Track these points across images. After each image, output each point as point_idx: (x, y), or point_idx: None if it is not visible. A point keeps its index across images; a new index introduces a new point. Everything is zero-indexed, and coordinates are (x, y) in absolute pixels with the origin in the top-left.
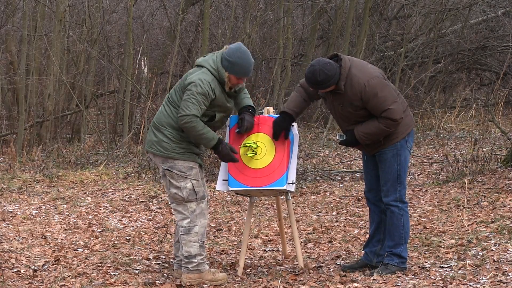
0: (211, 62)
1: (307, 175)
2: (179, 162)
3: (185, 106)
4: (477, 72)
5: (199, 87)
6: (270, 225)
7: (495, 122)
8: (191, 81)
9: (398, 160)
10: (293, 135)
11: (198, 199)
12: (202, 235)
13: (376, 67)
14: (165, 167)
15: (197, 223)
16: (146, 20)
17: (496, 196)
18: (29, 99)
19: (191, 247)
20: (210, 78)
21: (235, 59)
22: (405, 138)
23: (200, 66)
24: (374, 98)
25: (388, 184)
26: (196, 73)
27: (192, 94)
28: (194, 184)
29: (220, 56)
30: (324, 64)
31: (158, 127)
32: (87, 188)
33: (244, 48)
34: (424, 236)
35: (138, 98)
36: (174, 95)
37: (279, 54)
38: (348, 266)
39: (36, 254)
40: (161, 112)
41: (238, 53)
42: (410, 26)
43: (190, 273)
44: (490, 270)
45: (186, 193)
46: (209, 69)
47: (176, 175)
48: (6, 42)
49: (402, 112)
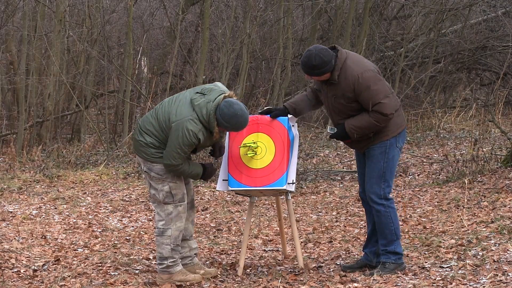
0: (204, 111)
1: (307, 175)
2: (157, 165)
3: (171, 156)
4: (477, 72)
5: (186, 139)
6: (270, 225)
7: (495, 122)
8: (178, 128)
9: (385, 158)
10: (293, 135)
11: (175, 201)
12: (175, 238)
13: (371, 63)
14: (144, 168)
15: (172, 226)
16: (146, 20)
17: (496, 196)
18: (29, 99)
19: (163, 249)
20: (198, 129)
21: (228, 123)
22: (395, 137)
23: (193, 107)
24: (366, 91)
25: (372, 180)
26: (186, 118)
27: (178, 145)
28: (172, 186)
29: (215, 108)
30: (321, 49)
31: (141, 130)
32: (87, 188)
33: (236, 113)
34: (424, 236)
35: (138, 98)
36: (162, 115)
37: (279, 54)
38: (348, 266)
39: (36, 254)
40: (147, 118)
41: (233, 121)
42: (410, 26)
43: (161, 273)
44: (490, 270)
45: (163, 196)
46: (199, 117)
47: (154, 177)
48: (6, 42)
49: (394, 108)
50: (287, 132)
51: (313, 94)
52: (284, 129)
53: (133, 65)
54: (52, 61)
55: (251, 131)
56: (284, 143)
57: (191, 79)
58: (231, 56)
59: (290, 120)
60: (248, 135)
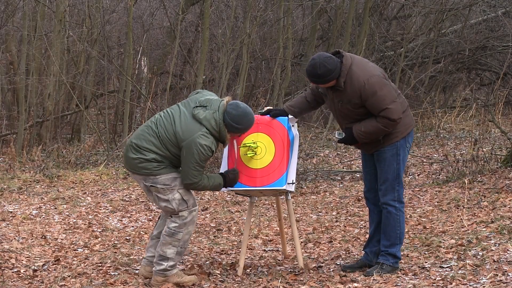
0: (213, 123)
1: (307, 175)
2: (162, 176)
3: (190, 175)
4: (477, 72)
5: (202, 154)
6: (270, 225)
7: (495, 122)
8: (191, 145)
9: (397, 160)
10: (293, 135)
11: (189, 207)
12: (184, 242)
13: (377, 66)
14: (148, 184)
15: (184, 230)
16: (146, 20)
17: (496, 196)
18: (29, 99)
19: (168, 249)
20: (210, 142)
21: (241, 124)
22: (405, 138)
23: (199, 122)
24: (373, 97)
25: (387, 183)
26: (197, 134)
27: (195, 162)
28: (182, 193)
29: (222, 115)
30: (325, 58)
31: (138, 149)
32: (87, 188)
33: (245, 111)
34: (424, 236)
35: (138, 98)
36: (164, 134)
37: (279, 54)
38: (348, 266)
39: (36, 254)
40: (144, 136)
41: (244, 120)
42: (410, 26)
43: (156, 275)
44: (490, 270)
45: (176, 204)
46: (210, 130)
47: (161, 189)
48: (6, 42)
49: (401, 112)
50: (287, 132)
51: (312, 96)
52: (284, 129)
53: (133, 65)
54: (52, 61)
55: (251, 131)
56: (284, 143)
57: (191, 79)
58: (231, 56)
59: (290, 120)
60: (248, 135)
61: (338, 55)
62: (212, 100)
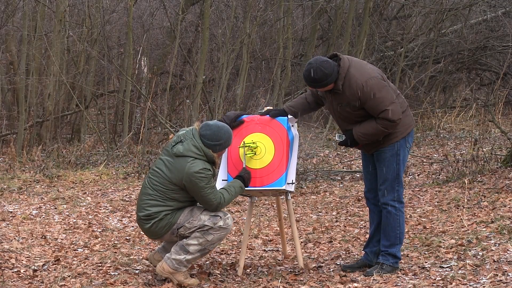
0: (195, 149)
1: (307, 175)
2: (179, 218)
3: (210, 201)
4: (477, 72)
5: (204, 178)
6: (270, 225)
7: (495, 122)
8: (190, 178)
9: (397, 160)
10: (293, 135)
11: (222, 217)
12: (212, 244)
13: (375, 67)
14: (176, 233)
15: (215, 233)
16: (146, 20)
17: (496, 196)
18: (29, 99)
19: (193, 242)
20: (202, 164)
21: (220, 139)
22: (405, 138)
23: (182, 156)
24: (372, 99)
25: (387, 183)
26: (187, 166)
27: (204, 188)
28: (206, 213)
29: (200, 140)
30: (322, 62)
31: (147, 218)
32: (87, 188)
33: (218, 126)
34: (424, 236)
35: (138, 98)
36: (161, 184)
37: (279, 54)
38: (348, 266)
39: (36, 254)
40: (145, 203)
41: (221, 133)
42: (410, 26)
43: (165, 263)
44: (490, 270)
45: (209, 221)
46: (196, 158)
47: (188, 224)
48: (6, 42)
49: (400, 113)
50: (286, 132)
51: (312, 97)
52: (283, 129)
53: (133, 65)
54: (52, 61)
55: (250, 131)
56: (284, 143)
57: (191, 79)
58: (231, 56)
59: (289, 120)
60: (248, 135)
61: (335, 58)
62: (184, 133)
